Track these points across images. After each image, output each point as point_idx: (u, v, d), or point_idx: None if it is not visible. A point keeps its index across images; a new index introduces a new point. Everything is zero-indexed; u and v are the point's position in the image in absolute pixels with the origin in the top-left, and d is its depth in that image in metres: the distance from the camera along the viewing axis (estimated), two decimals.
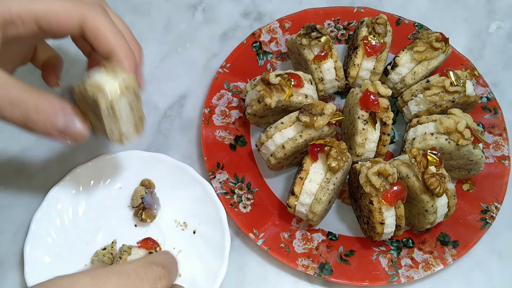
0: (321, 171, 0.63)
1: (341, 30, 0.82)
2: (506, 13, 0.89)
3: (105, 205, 0.68)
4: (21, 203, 0.70)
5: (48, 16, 0.47)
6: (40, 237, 0.64)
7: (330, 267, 0.66)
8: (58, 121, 0.47)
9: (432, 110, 0.69)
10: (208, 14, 0.87)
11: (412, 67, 0.72)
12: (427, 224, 0.64)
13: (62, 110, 0.47)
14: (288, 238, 0.68)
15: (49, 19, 0.47)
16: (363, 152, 0.67)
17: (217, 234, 0.65)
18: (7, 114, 0.45)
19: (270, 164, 0.68)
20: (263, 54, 0.80)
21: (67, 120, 0.47)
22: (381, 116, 0.66)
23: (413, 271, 0.66)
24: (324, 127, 0.65)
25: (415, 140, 0.67)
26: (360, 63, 0.72)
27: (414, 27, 0.81)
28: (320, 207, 0.63)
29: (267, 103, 0.65)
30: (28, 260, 0.62)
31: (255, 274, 0.68)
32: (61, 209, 0.66)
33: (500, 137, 0.75)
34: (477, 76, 0.78)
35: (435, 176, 0.60)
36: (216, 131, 0.73)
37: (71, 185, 0.67)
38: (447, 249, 0.67)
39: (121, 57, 0.49)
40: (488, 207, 0.70)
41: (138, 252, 0.63)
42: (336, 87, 0.74)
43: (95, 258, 0.65)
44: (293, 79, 0.66)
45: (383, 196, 0.60)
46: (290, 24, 0.81)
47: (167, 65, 0.82)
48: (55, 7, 0.47)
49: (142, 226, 0.68)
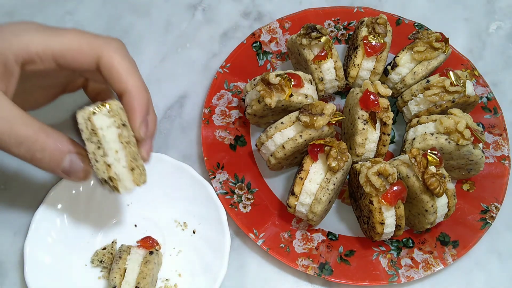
0: (321, 171, 0.63)
1: (341, 30, 0.82)
2: (506, 13, 0.89)
3: (105, 205, 0.68)
4: (21, 203, 0.70)
5: (64, 53, 0.48)
6: (40, 237, 0.64)
7: (330, 267, 0.66)
8: (63, 163, 0.48)
9: (432, 110, 0.69)
10: (208, 14, 0.87)
11: (412, 67, 0.72)
12: (427, 224, 0.64)
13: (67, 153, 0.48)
14: (288, 238, 0.68)
15: (66, 56, 0.48)
16: (363, 152, 0.67)
17: (217, 234, 0.65)
18: (13, 150, 0.47)
19: (270, 164, 0.68)
20: (263, 54, 0.80)
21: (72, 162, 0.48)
22: (381, 116, 0.66)
23: (413, 271, 0.66)
24: (324, 127, 0.65)
25: (415, 140, 0.67)
26: (360, 63, 0.72)
27: (414, 27, 0.81)
28: (320, 207, 0.63)
29: (267, 103, 0.65)
30: (28, 260, 0.62)
31: (255, 274, 0.68)
32: (61, 209, 0.66)
33: (500, 137, 0.75)
34: (477, 76, 0.78)
35: (435, 176, 0.60)
36: (216, 131, 0.73)
37: (71, 185, 0.67)
38: (447, 249, 0.67)
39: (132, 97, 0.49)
40: (488, 207, 0.70)
41: (137, 252, 0.63)
42: (336, 87, 0.74)
43: (95, 257, 0.65)
44: (293, 79, 0.66)
45: (383, 196, 0.60)
46: (290, 24, 0.81)
47: (167, 65, 0.82)
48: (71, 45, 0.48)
49: (142, 226, 0.68)
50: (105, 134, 0.46)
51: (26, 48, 0.47)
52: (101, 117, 0.46)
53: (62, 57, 0.48)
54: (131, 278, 0.60)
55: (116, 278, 0.60)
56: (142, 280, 0.60)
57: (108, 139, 0.46)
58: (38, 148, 0.47)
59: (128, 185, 0.48)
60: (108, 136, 0.46)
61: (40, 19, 0.84)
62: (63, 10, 0.84)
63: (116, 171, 0.47)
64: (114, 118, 0.46)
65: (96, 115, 0.46)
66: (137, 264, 0.61)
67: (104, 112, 0.46)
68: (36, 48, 0.47)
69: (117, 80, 0.49)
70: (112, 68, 0.49)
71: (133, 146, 0.48)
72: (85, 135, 0.46)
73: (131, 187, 0.48)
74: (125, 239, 0.67)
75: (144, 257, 0.62)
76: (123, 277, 0.60)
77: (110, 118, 0.46)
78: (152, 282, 0.61)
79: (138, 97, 0.50)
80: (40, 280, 0.62)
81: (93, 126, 0.46)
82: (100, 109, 0.46)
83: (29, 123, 0.47)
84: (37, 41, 0.47)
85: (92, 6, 0.85)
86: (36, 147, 0.47)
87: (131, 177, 0.48)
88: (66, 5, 0.85)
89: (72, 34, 0.49)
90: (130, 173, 0.48)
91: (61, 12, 0.84)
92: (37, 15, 0.84)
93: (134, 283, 0.60)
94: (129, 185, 0.48)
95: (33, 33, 0.48)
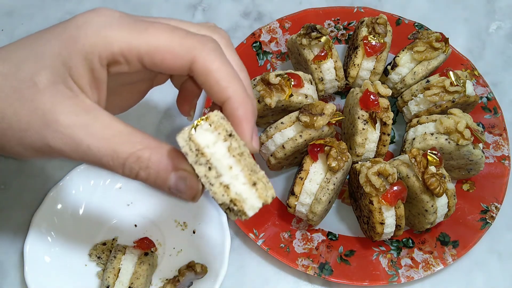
0: (321, 171, 0.63)
1: (341, 30, 0.82)
2: (506, 13, 0.89)
3: (105, 205, 0.68)
4: (21, 203, 0.70)
5: (152, 54, 0.41)
6: (40, 237, 0.64)
7: (330, 267, 0.66)
8: (168, 181, 0.42)
9: (432, 110, 0.69)
10: (208, 14, 0.87)
11: (412, 67, 0.72)
12: (427, 224, 0.64)
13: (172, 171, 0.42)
14: (288, 238, 0.68)
15: (154, 57, 0.41)
16: (363, 152, 0.67)
17: (217, 234, 0.65)
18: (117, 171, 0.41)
19: (270, 164, 0.68)
20: (263, 54, 0.80)
21: (177, 180, 0.42)
22: (381, 116, 0.66)
23: (413, 271, 0.66)
24: (324, 127, 0.65)
25: (415, 140, 0.67)
26: (360, 63, 0.72)
27: (414, 27, 0.81)
28: (320, 207, 0.63)
29: (267, 103, 0.65)
30: (28, 260, 0.62)
31: (255, 274, 0.68)
32: (61, 209, 0.66)
33: (500, 137, 0.75)
34: (477, 76, 0.78)
35: (435, 176, 0.60)
36: None
37: (71, 185, 0.67)
38: (447, 249, 0.67)
39: (236, 105, 0.42)
40: (488, 207, 0.70)
41: (132, 252, 0.63)
42: (336, 87, 0.74)
43: (94, 251, 0.65)
44: (293, 79, 0.66)
45: (383, 196, 0.60)
46: (290, 24, 0.81)
47: None
48: (160, 45, 0.41)
49: (142, 226, 0.68)
50: (212, 151, 0.40)
51: (111, 47, 0.40)
52: (203, 133, 0.40)
53: (149, 59, 0.41)
54: (125, 278, 0.60)
55: (110, 278, 0.60)
56: (136, 281, 0.60)
57: (217, 156, 0.40)
58: (143, 166, 0.41)
59: (255, 204, 0.40)
60: (217, 152, 0.40)
61: (40, 19, 0.84)
62: (63, 10, 0.84)
63: (236, 190, 0.40)
64: (218, 130, 0.40)
65: (197, 133, 0.40)
66: (131, 264, 0.61)
67: (205, 127, 0.41)
68: (120, 47, 0.40)
69: (216, 89, 0.42)
70: (208, 76, 0.42)
71: (247, 157, 0.41)
72: (191, 159, 0.40)
73: (258, 205, 0.40)
74: (125, 239, 0.67)
75: (139, 258, 0.62)
76: (117, 277, 0.60)
77: (213, 132, 0.40)
78: (145, 283, 0.61)
79: (242, 106, 0.42)
80: (40, 280, 0.62)
81: (197, 146, 0.40)
82: (200, 125, 0.41)
83: (131, 139, 0.41)
84: (122, 39, 0.40)
85: (92, 6, 0.85)
86: (139, 165, 0.41)
87: (256, 194, 0.41)
88: (66, 5, 0.85)
89: (161, 30, 0.41)
90: (253, 188, 0.41)
91: (61, 12, 0.84)
92: (37, 15, 0.84)
93: (128, 283, 0.60)
94: (256, 203, 0.40)
95: (116, 28, 0.41)
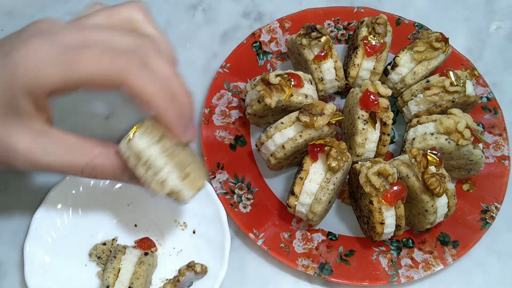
0: (321, 171, 0.63)
1: (341, 30, 0.82)
2: (506, 13, 0.89)
3: (105, 205, 0.68)
4: (21, 203, 0.70)
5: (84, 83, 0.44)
6: (40, 237, 0.64)
7: (330, 267, 0.66)
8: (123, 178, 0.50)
9: (432, 110, 0.69)
10: (208, 14, 0.87)
11: (412, 67, 0.72)
12: (427, 224, 0.64)
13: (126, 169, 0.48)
14: (288, 238, 0.68)
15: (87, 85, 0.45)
16: (363, 152, 0.67)
17: (217, 234, 0.65)
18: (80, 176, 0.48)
19: (270, 164, 0.68)
20: (263, 54, 0.80)
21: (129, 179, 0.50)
22: (381, 116, 0.66)
23: (413, 271, 0.66)
24: (324, 127, 0.65)
25: (415, 140, 0.67)
26: (360, 63, 0.72)
27: (414, 27, 0.81)
28: (320, 207, 0.63)
29: (267, 103, 0.65)
30: (28, 260, 0.62)
31: (255, 274, 0.68)
32: (61, 209, 0.66)
33: (500, 137, 0.75)
34: (477, 76, 0.78)
35: (435, 176, 0.60)
36: (216, 131, 0.73)
37: (71, 185, 0.67)
38: (447, 249, 0.67)
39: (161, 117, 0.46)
40: (488, 207, 0.70)
41: (132, 252, 0.63)
42: (336, 87, 0.74)
43: (94, 251, 0.65)
44: (293, 79, 0.66)
45: (383, 196, 0.60)
46: (290, 24, 0.81)
47: None
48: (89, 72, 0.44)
49: (142, 226, 0.68)
50: (148, 154, 0.46)
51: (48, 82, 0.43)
52: (137, 139, 0.46)
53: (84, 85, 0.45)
54: (125, 278, 0.60)
55: (110, 278, 0.60)
56: (136, 281, 0.60)
57: (153, 157, 0.46)
58: (99, 172, 0.48)
59: (187, 194, 0.48)
60: (152, 154, 0.46)
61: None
62: (63, 10, 0.84)
63: (171, 184, 0.47)
64: (151, 135, 0.47)
65: (132, 140, 0.46)
66: (131, 265, 0.61)
67: (138, 134, 0.46)
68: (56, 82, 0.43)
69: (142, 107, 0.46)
70: (135, 97, 0.45)
71: (181, 152, 0.48)
72: (132, 162, 0.47)
73: (190, 194, 0.49)
74: (125, 239, 0.67)
75: (139, 258, 0.62)
76: (117, 277, 0.60)
77: (147, 137, 0.46)
78: (145, 283, 0.61)
79: (166, 115, 0.46)
80: (40, 280, 0.62)
81: (135, 151, 0.46)
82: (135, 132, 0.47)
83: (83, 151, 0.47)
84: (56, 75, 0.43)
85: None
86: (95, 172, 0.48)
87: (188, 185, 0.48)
88: (66, 5, 0.85)
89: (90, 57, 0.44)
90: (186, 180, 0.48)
91: (61, 12, 0.84)
92: (37, 15, 0.84)
93: (128, 283, 0.60)
94: (188, 193, 0.49)
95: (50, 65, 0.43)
